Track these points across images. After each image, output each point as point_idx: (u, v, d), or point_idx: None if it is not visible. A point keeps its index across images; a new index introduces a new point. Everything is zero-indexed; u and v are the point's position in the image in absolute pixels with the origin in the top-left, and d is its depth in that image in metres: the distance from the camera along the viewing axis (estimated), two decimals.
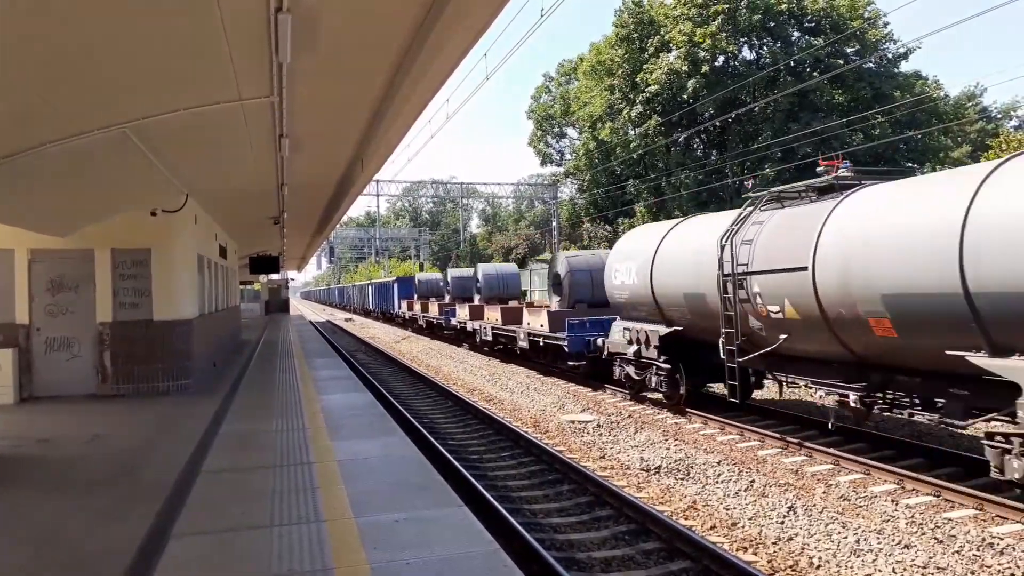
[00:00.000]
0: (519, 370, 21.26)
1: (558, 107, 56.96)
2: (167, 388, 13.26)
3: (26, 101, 6.68)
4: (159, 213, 13.18)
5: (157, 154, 9.74)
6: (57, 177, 9.30)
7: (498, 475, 10.13)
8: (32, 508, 6.63)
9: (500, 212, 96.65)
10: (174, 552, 5.36)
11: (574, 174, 54.82)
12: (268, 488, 6.95)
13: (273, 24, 5.63)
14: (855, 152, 35.15)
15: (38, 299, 12.85)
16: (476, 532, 5.63)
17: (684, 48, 39.11)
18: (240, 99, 7.95)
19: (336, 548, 5.32)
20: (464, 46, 6.75)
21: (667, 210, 41.32)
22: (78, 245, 12.73)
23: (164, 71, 7.02)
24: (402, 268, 75.72)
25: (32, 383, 12.68)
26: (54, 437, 9.61)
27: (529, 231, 75.55)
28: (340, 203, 18.88)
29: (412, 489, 6.81)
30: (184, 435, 9.59)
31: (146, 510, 6.39)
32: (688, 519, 8.10)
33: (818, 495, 8.69)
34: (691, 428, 12.54)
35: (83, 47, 5.92)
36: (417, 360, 26.26)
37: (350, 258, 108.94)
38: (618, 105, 43.84)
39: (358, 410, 11.37)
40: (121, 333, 13.08)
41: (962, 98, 44.65)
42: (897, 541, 7.18)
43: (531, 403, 15.74)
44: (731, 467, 9.92)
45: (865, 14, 39.69)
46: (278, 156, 11.00)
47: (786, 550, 7.13)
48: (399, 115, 9.04)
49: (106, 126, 7.83)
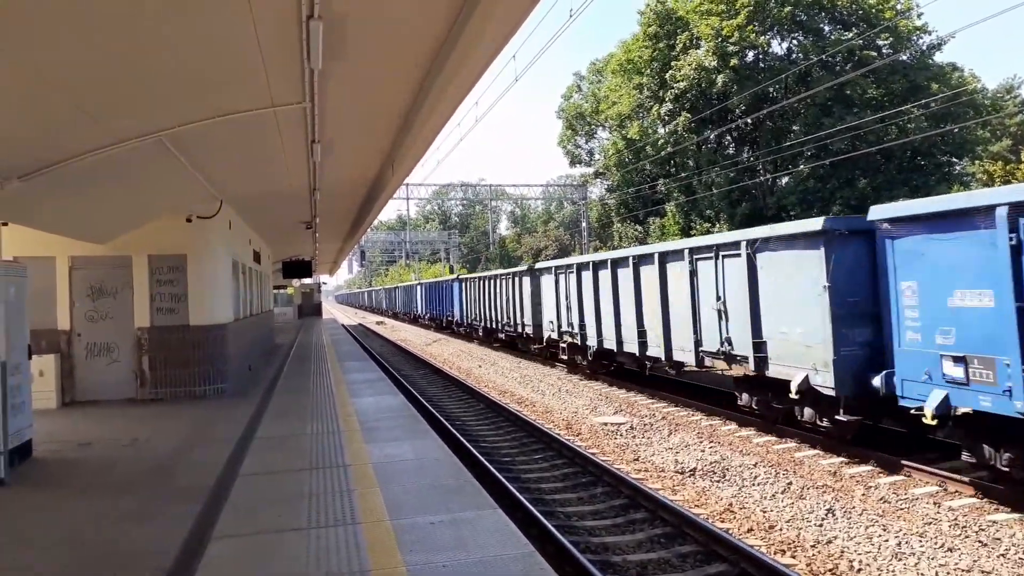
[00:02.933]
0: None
1: (588, 106, 56.75)
2: (204, 392, 13.46)
3: (67, 112, 6.83)
4: (194, 219, 13.41)
5: (192, 161, 9.90)
6: (96, 185, 9.50)
7: (531, 477, 10.11)
8: (74, 510, 6.77)
9: (529, 214, 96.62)
10: (214, 554, 5.43)
11: (603, 174, 54.57)
12: (304, 491, 7.01)
13: (305, 31, 5.69)
14: (890, 147, 34.54)
15: (79, 305, 13.12)
16: (511, 534, 5.62)
17: (712, 43, 38.74)
18: (273, 105, 8.05)
19: (372, 550, 5.34)
20: (493, 49, 6.75)
21: (699, 209, 40.95)
22: (116, 252, 12.98)
23: (199, 80, 7.13)
24: (432, 271, 76.01)
25: (73, 388, 12.95)
26: (95, 441, 9.80)
27: (558, 232, 75.43)
28: (371, 207, 19.00)
29: (446, 491, 6.83)
30: (221, 438, 9.73)
31: (186, 512, 6.49)
32: (725, 522, 8.01)
33: (857, 497, 8.54)
34: (726, 430, 12.40)
35: (121, 59, 6.04)
36: (449, 363, 26.35)
37: (380, 261, 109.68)
38: (647, 103, 43.59)
39: (391, 412, 11.43)
40: (159, 338, 13.30)
41: (1000, 90, 43.68)
42: (940, 544, 7.02)
43: (563, 405, 15.69)
44: (768, 469, 9.79)
45: (898, 6, 39.00)
46: (310, 161, 11.11)
47: (825, 553, 7.02)
48: (429, 119, 9.07)
49: (143, 135, 7.98)
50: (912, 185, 35.68)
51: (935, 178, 36.25)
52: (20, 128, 6.97)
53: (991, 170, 27.71)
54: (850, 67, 36.99)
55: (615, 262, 16.91)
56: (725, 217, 38.33)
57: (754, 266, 11.66)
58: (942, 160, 38.07)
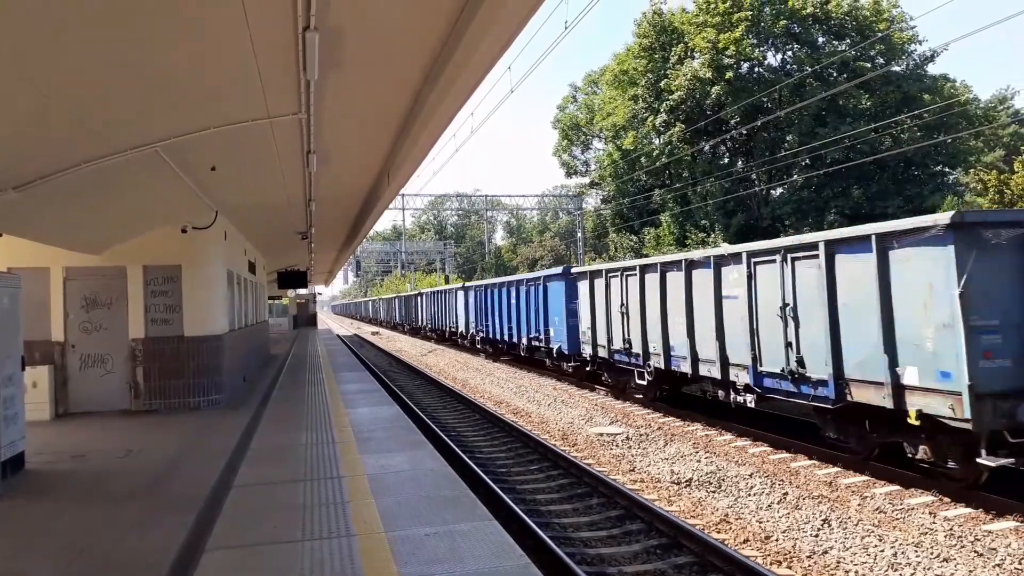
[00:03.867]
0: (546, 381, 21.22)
1: (584, 117, 56.99)
2: (198, 403, 13.40)
3: (62, 123, 6.84)
4: (189, 230, 13.37)
5: (187, 171, 9.90)
6: (91, 196, 9.49)
7: (527, 488, 10.09)
8: (68, 522, 6.73)
9: (524, 224, 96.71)
10: (207, 565, 5.39)
11: (599, 184, 54.72)
12: (299, 502, 6.98)
13: (301, 42, 5.71)
14: (884, 158, 34.72)
15: (73, 316, 13.07)
16: (507, 546, 5.60)
17: (708, 55, 38.98)
18: (269, 116, 8.07)
19: (367, 562, 5.32)
20: (489, 60, 6.77)
21: (694, 219, 41.06)
22: (111, 263, 12.94)
23: (195, 91, 7.15)
24: (428, 281, 76.00)
25: (67, 399, 12.87)
26: (89, 452, 9.74)
27: (554, 242, 75.52)
28: (367, 217, 19.02)
29: (442, 503, 6.80)
30: (215, 449, 9.68)
31: (180, 524, 6.45)
32: (721, 532, 8.00)
33: (853, 507, 8.54)
34: (722, 440, 12.40)
35: (117, 70, 6.06)
36: (444, 373, 26.30)
37: (376, 272, 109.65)
38: (642, 114, 43.77)
39: (386, 423, 11.39)
40: (153, 349, 13.25)
41: (993, 101, 43.92)
42: (936, 554, 7.02)
43: (559, 416, 15.67)
44: (763, 479, 9.78)
45: (893, 13, 39.32)
46: (306, 172, 11.13)
47: (821, 564, 7.01)
48: (424, 130, 9.10)
49: (139, 145, 7.99)
50: (906, 195, 35.89)
51: (929, 188, 36.48)
52: (14, 139, 6.97)
53: (986, 179, 27.87)
54: (844, 78, 37.24)
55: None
56: (720, 227, 38.46)
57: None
58: (935, 170, 38.31)
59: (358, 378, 18.74)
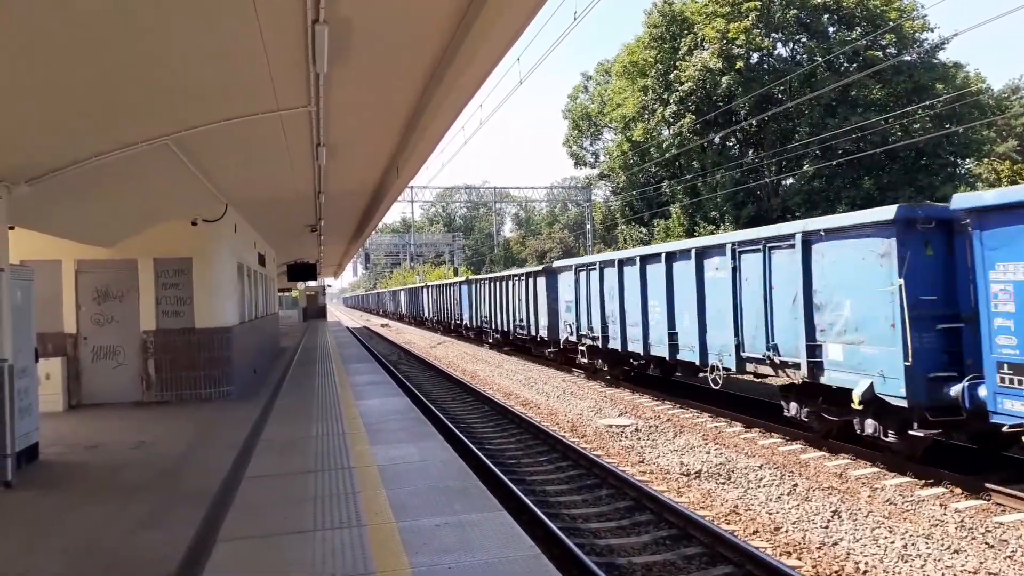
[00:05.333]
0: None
1: (595, 107, 56.70)
2: (209, 395, 13.50)
3: (74, 118, 6.87)
4: (199, 223, 13.43)
5: (198, 164, 9.94)
6: (102, 189, 9.54)
7: (536, 479, 10.12)
8: (82, 513, 6.79)
9: (533, 216, 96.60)
10: (220, 556, 5.44)
11: (608, 176, 54.55)
12: (310, 493, 7.02)
13: (310, 35, 5.71)
14: (895, 148, 34.48)
15: (85, 308, 13.17)
16: (516, 536, 5.63)
17: (718, 45, 38.73)
18: (278, 109, 8.08)
19: (378, 552, 5.35)
20: (498, 52, 6.76)
21: (704, 211, 40.90)
22: (122, 255, 13.02)
23: (205, 84, 7.16)
24: (436, 273, 76.08)
25: (80, 391, 12.99)
26: (101, 443, 9.83)
27: (563, 234, 75.43)
28: (376, 210, 19.04)
29: (451, 493, 6.83)
30: (227, 441, 9.75)
31: (192, 515, 6.51)
32: (730, 524, 8.00)
33: (863, 499, 8.52)
34: (731, 432, 12.39)
35: (127, 64, 6.07)
36: (454, 365, 26.36)
37: (385, 264, 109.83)
38: (652, 105, 43.56)
39: (396, 414, 11.44)
40: (164, 341, 13.34)
41: (1005, 91, 43.53)
42: (947, 546, 7.01)
43: (568, 407, 15.69)
44: (773, 471, 9.78)
45: (904, 3, 38.96)
46: (315, 165, 11.15)
47: (831, 555, 7.00)
48: (433, 122, 9.09)
49: (149, 139, 8.02)
50: (917, 185, 35.62)
51: (940, 178, 36.19)
52: (27, 133, 7.01)
53: (999, 169, 27.64)
54: (855, 68, 36.94)
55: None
56: (730, 219, 38.31)
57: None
58: (947, 160, 37.97)
59: (368, 370, 18.82)
